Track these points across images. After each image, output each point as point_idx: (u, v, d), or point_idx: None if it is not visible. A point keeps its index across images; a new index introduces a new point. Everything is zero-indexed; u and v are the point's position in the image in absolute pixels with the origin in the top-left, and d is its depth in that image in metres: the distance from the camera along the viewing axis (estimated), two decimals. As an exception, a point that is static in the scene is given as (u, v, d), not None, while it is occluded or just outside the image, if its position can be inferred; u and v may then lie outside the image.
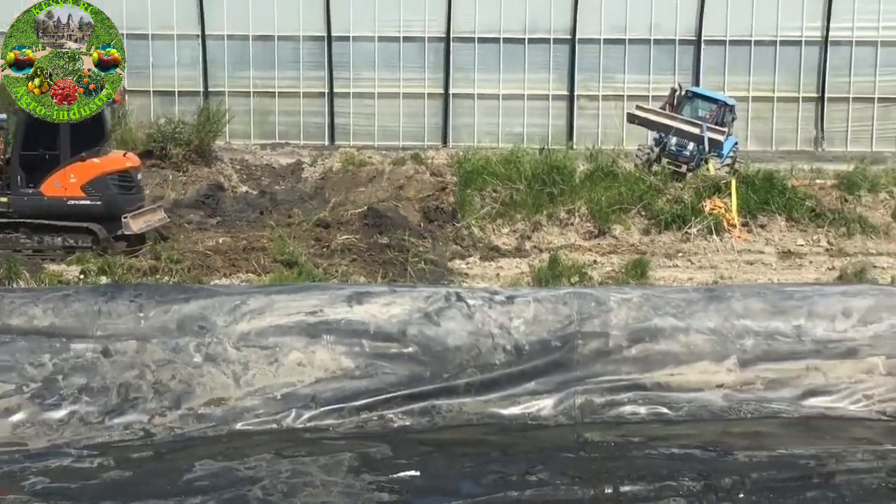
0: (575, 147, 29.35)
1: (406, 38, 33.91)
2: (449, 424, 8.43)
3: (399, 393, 8.52)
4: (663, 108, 27.55)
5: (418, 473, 7.69)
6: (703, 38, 34.58)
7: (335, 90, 34.01)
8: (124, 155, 20.35)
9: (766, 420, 8.62)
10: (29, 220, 18.81)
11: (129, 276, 16.75)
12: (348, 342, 8.66)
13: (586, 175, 24.18)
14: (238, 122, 31.63)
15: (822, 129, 35.07)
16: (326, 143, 33.45)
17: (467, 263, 19.48)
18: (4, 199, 18.81)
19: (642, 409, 8.66)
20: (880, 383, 8.88)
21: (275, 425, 8.33)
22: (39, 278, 16.51)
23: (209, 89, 33.54)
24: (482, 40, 34.11)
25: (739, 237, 21.86)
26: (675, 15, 34.43)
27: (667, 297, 9.28)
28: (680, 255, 20.98)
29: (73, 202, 19.04)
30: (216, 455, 7.82)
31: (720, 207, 22.38)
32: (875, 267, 19.80)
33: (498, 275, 18.57)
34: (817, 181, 24.64)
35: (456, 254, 19.97)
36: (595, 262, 19.73)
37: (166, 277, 16.88)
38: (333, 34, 33.67)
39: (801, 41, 34.62)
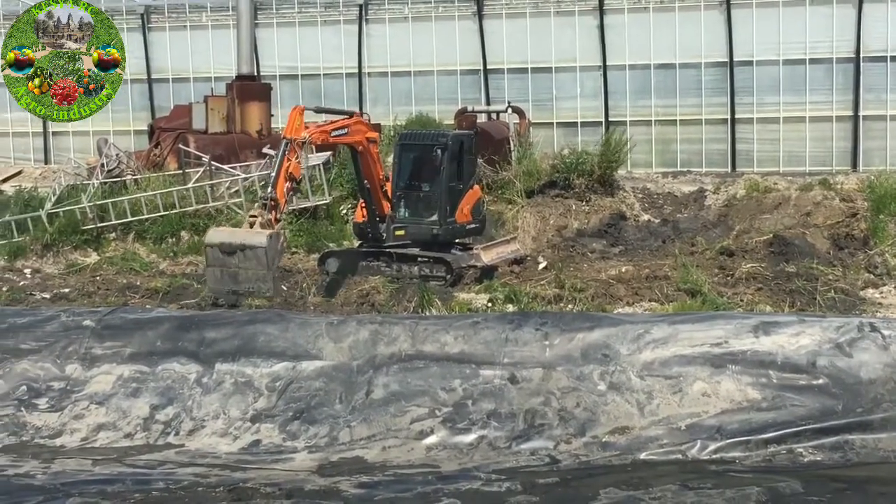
0: None
1: (812, 60, 32.82)
2: (863, 461, 8.06)
3: (809, 426, 8.23)
4: None
5: (832, 512, 7.39)
6: None
7: (737, 116, 33.39)
8: None
9: None
10: (391, 250, 19.44)
11: (534, 304, 17.13)
12: (754, 373, 8.48)
13: None
14: (639, 150, 31.60)
15: None
16: (728, 170, 32.87)
17: (881, 293, 18.54)
18: (401, 232, 19.71)
19: None
20: None
21: (679, 456, 8.25)
22: (450, 306, 17.19)
23: (610, 119, 33.80)
24: (895, 59, 32.46)
25: None
26: None
27: None
28: None
29: (469, 226, 20.37)
30: (620, 484, 7.83)
31: None
32: None
33: (914, 305, 17.58)
34: None
35: (868, 283, 19.06)
36: None
37: (570, 306, 17.14)
38: (735, 59, 33.13)
39: None
